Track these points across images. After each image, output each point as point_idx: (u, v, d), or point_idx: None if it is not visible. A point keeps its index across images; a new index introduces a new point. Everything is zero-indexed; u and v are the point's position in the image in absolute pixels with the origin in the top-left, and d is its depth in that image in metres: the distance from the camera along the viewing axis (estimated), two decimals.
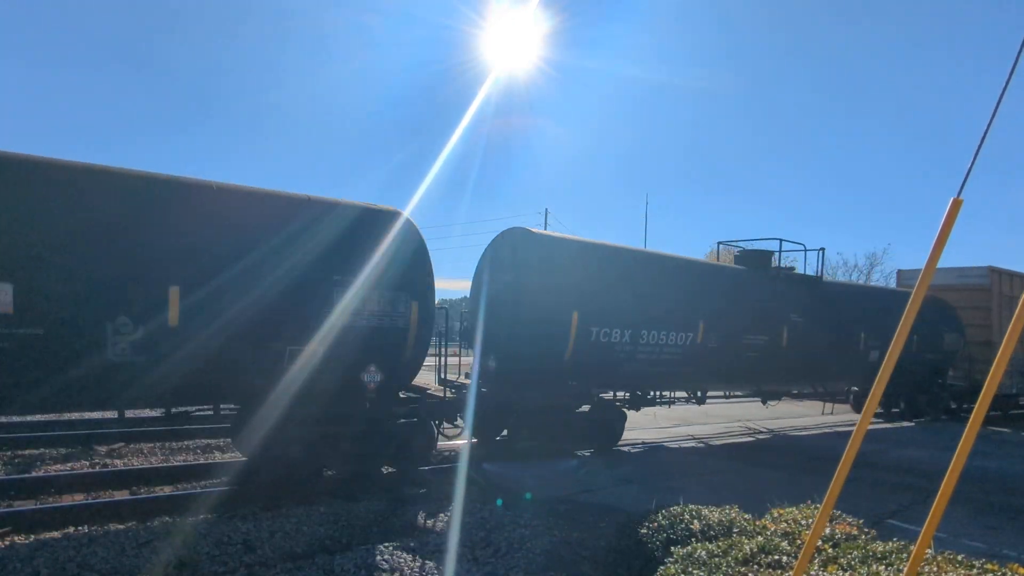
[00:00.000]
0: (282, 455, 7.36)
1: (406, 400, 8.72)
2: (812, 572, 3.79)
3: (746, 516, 5.10)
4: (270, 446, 7.16)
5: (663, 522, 5.04)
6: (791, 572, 3.61)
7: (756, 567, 4.01)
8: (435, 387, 9.54)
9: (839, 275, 42.14)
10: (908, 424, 16.46)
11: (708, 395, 13.27)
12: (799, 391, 18.06)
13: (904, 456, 11.40)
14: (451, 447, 10.42)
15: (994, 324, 17.36)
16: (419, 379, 8.90)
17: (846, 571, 3.81)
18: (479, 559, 5.70)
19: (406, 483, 8.21)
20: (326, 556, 5.64)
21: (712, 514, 5.11)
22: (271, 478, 7.45)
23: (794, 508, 5.24)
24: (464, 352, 11.70)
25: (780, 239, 13.89)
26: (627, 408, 11.43)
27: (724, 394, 14.89)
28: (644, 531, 5.04)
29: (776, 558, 4.09)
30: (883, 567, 3.76)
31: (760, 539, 4.39)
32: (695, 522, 4.95)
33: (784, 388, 15.39)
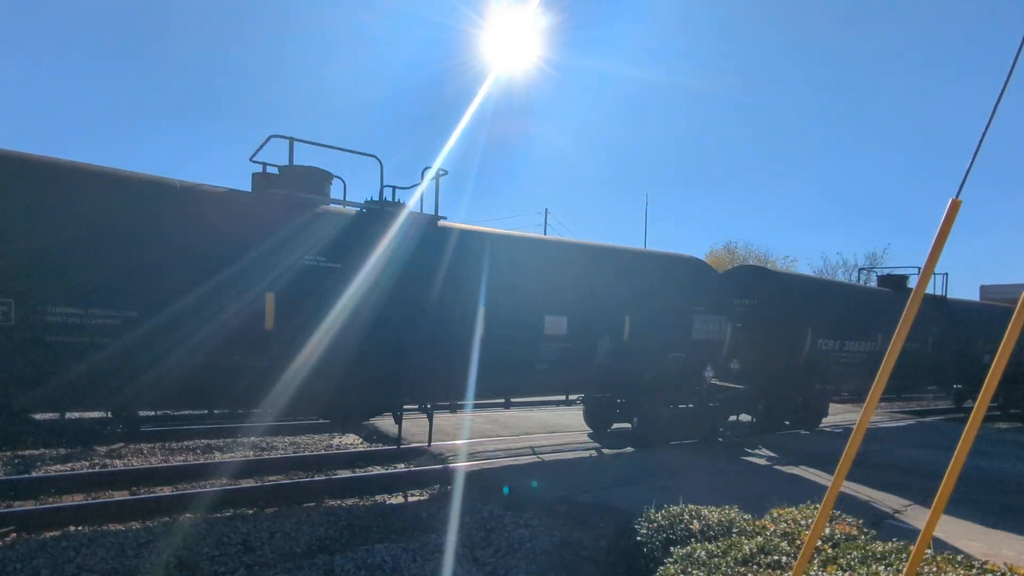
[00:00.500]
0: (657, 427, 11.15)
1: (721, 388, 11.94)
2: (812, 572, 3.79)
3: (746, 516, 5.11)
4: (651, 421, 11.11)
5: (663, 522, 5.04)
6: (791, 572, 3.61)
7: (756, 567, 4.02)
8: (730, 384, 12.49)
9: (839, 275, 42.11)
10: (910, 422, 16.57)
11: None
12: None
13: (904, 456, 11.40)
14: (452, 447, 10.42)
15: None
16: None
17: (846, 571, 3.81)
18: (479, 559, 5.70)
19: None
20: (326, 556, 5.65)
21: (711, 514, 5.11)
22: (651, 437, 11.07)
23: (793, 508, 5.25)
24: None
25: (917, 267, 16.21)
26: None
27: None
28: (644, 531, 5.04)
29: (776, 558, 4.09)
30: (883, 567, 3.77)
31: (760, 539, 4.40)
32: (695, 522, 4.96)
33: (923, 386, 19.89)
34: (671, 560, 4.32)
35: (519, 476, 8.55)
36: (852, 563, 3.90)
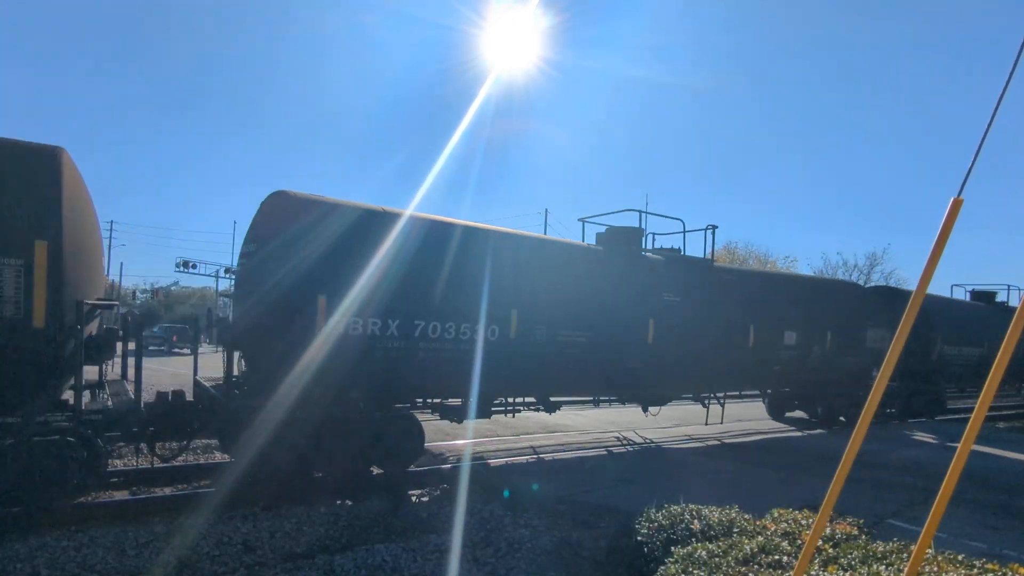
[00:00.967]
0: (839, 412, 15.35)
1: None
2: (812, 572, 3.79)
3: (746, 516, 5.10)
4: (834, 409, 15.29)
5: (663, 522, 5.03)
6: (791, 572, 3.60)
7: (756, 567, 4.01)
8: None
9: (839, 275, 42.04)
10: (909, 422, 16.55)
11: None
12: None
13: (904, 456, 11.39)
14: (452, 447, 10.42)
15: None
16: None
17: (846, 571, 3.80)
18: (479, 559, 5.70)
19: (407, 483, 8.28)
20: (326, 556, 5.64)
21: (712, 514, 5.10)
22: None
23: (794, 508, 5.24)
24: None
25: (1011, 285, 21.12)
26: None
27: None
28: (644, 531, 5.03)
29: (776, 558, 4.09)
30: (883, 567, 3.76)
31: (760, 539, 4.39)
32: (695, 522, 4.95)
33: None
34: (672, 560, 4.31)
35: (519, 475, 8.55)
36: (853, 563, 3.89)
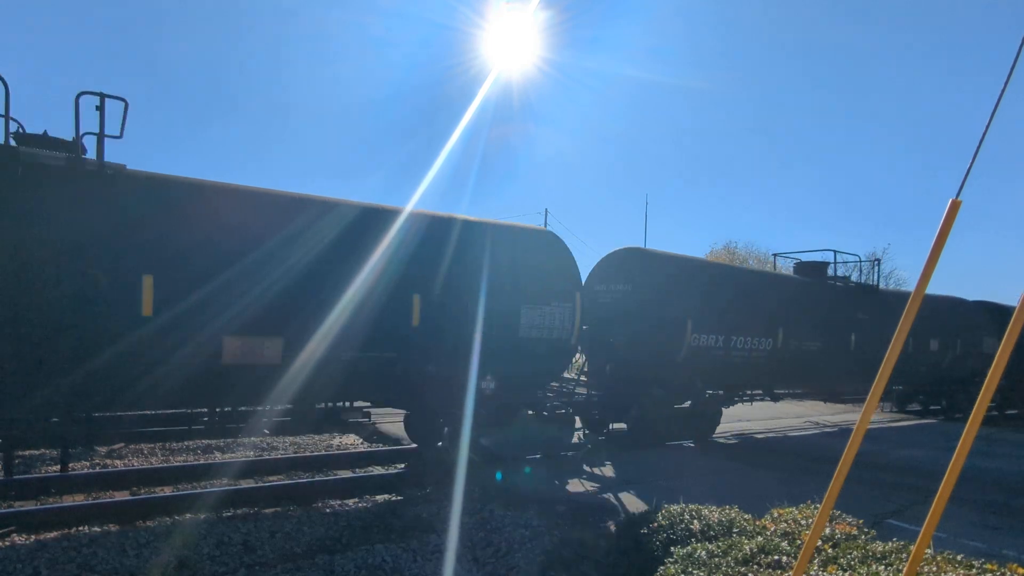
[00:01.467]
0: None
1: None
2: (812, 572, 3.80)
3: (746, 516, 5.11)
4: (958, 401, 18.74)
5: (663, 522, 5.04)
6: (791, 572, 3.61)
7: (756, 567, 4.02)
8: None
9: (839, 274, 41.99)
10: (909, 423, 16.59)
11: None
12: None
13: (904, 456, 11.40)
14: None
15: None
16: None
17: (846, 571, 3.81)
18: (479, 559, 5.70)
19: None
20: (326, 556, 5.65)
21: (712, 514, 5.11)
22: None
23: (794, 508, 5.25)
24: None
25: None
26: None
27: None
28: (644, 531, 5.04)
29: (776, 558, 4.10)
30: (883, 567, 3.77)
31: (760, 539, 4.40)
32: (695, 522, 4.96)
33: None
34: (672, 560, 4.32)
35: (517, 475, 8.56)
36: (852, 563, 3.90)
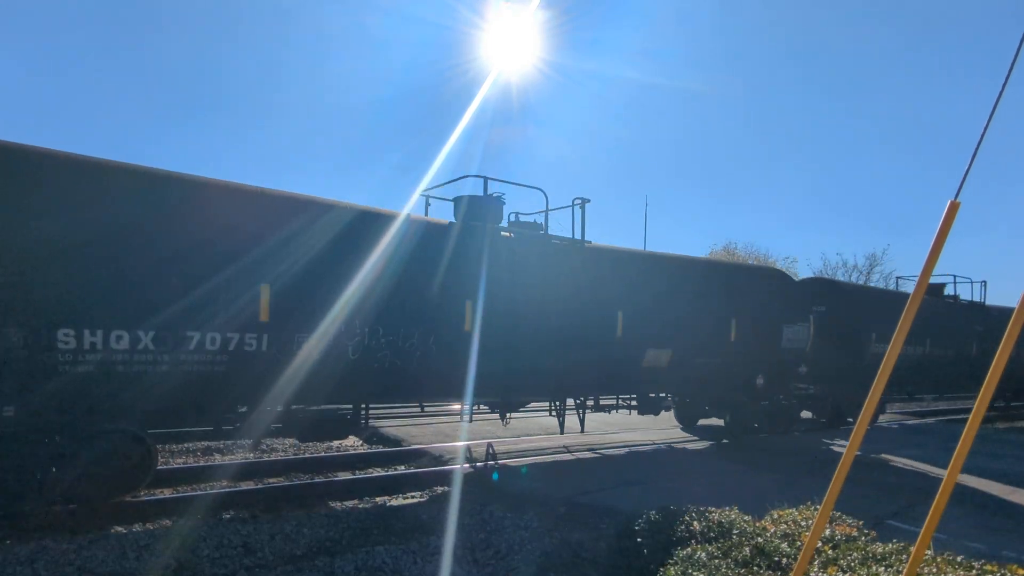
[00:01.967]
0: None
1: None
2: (812, 573, 3.80)
3: (746, 517, 5.11)
4: None
5: (663, 523, 5.04)
6: (791, 573, 3.61)
7: (756, 568, 4.02)
8: None
9: (839, 275, 42.11)
10: (909, 424, 16.60)
11: None
12: None
13: (904, 456, 11.40)
14: (451, 448, 10.43)
15: None
16: None
17: (846, 572, 3.81)
18: (479, 561, 5.70)
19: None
20: (326, 558, 5.64)
21: (712, 515, 5.11)
22: None
23: (794, 509, 5.25)
24: None
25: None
26: None
27: None
28: (644, 532, 5.04)
29: (776, 559, 4.10)
30: (883, 568, 3.77)
31: (760, 540, 4.40)
32: (695, 523, 4.96)
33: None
34: (672, 561, 4.33)
35: (517, 476, 8.56)
36: (852, 564, 3.90)
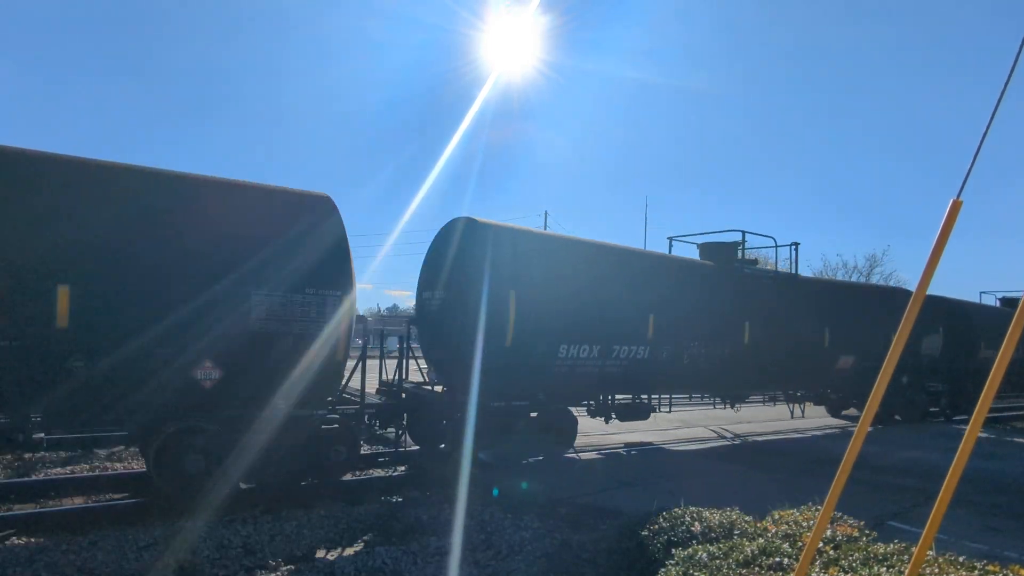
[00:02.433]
0: None
1: None
2: (813, 574, 3.79)
3: (747, 518, 5.10)
4: None
5: (664, 524, 5.03)
6: (792, 574, 3.60)
7: (757, 569, 4.01)
8: None
9: (839, 276, 41.98)
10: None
11: None
12: None
13: (905, 457, 11.38)
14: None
15: None
16: None
17: (847, 573, 3.80)
18: (480, 562, 5.69)
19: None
20: (326, 559, 5.64)
21: (713, 516, 5.10)
22: None
23: (795, 510, 5.24)
24: None
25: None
26: None
27: None
28: (645, 533, 5.03)
29: (777, 560, 4.09)
30: (884, 569, 3.76)
31: (761, 541, 4.39)
32: (696, 524, 4.95)
33: None
34: (672, 562, 4.31)
35: (516, 477, 8.54)
36: (854, 565, 3.89)
